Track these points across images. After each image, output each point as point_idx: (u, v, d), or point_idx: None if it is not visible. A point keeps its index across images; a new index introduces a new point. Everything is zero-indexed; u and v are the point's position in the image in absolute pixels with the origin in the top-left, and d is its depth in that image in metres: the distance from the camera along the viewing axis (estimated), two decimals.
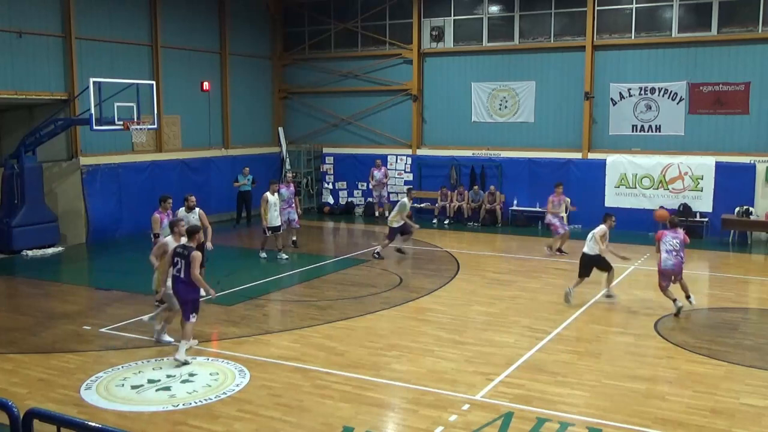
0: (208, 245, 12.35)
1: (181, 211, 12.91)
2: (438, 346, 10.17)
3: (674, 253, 11.57)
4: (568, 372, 9.08)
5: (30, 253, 16.96)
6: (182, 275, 9.34)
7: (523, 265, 16.00)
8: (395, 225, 16.35)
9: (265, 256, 16.32)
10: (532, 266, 15.80)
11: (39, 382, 8.84)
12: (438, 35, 22.53)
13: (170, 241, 10.13)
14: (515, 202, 21.61)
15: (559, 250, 16.70)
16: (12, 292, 14.35)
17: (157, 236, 11.87)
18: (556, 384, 8.66)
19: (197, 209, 12.91)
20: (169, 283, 9.81)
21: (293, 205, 16.99)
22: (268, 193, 16.18)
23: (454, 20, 22.42)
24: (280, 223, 16.37)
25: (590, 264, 12.54)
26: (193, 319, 9.51)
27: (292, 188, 17.22)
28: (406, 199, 16.63)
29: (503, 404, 8.04)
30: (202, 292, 9.77)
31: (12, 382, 8.82)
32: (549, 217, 16.84)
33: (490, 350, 9.97)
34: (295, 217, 17.06)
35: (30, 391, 8.50)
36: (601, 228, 12.48)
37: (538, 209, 21.01)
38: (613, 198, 20.24)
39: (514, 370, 9.18)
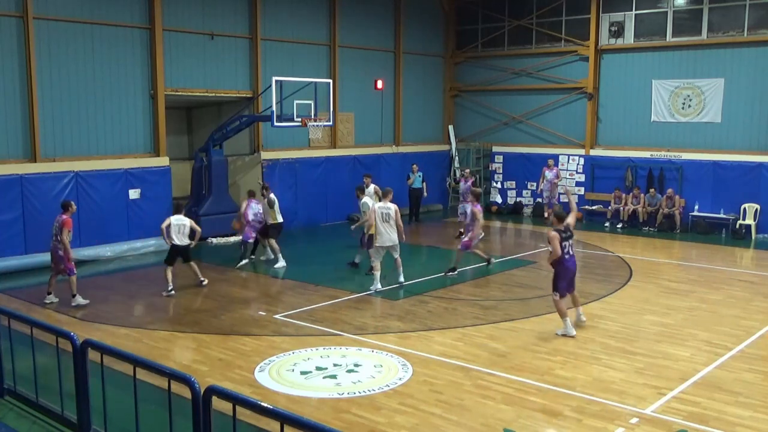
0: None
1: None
2: (606, 354, 9.77)
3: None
4: (751, 392, 8.39)
5: (214, 240, 18.23)
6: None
7: (703, 274, 14.98)
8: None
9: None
10: (713, 276, 14.76)
11: (218, 361, 9.46)
12: (617, 31, 21.63)
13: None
14: (696, 207, 20.27)
15: None
16: None
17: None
18: (736, 405, 8.02)
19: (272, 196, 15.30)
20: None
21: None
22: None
23: (635, 15, 21.42)
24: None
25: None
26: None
27: (468, 183, 18.60)
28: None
29: (675, 421, 7.58)
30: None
31: (195, 360, 9.53)
32: None
33: (663, 363, 9.43)
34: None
35: (210, 369, 9.13)
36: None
37: (722, 216, 19.62)
38: None
39: (689, 386, 8.61)
